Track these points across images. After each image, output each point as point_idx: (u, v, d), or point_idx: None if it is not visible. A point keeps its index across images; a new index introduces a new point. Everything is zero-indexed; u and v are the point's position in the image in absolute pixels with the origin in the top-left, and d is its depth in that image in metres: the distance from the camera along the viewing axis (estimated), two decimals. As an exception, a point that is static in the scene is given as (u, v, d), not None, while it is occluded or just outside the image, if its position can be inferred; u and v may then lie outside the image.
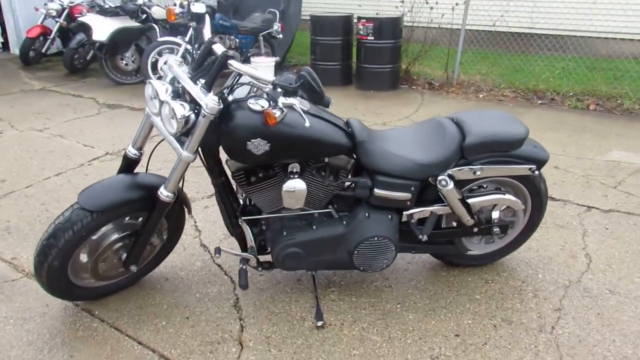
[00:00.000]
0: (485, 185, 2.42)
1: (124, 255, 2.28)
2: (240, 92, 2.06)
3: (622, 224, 3.15)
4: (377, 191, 2.18)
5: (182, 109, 1.90)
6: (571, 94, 6.00)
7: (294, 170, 2.13)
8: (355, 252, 2.22)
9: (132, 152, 2.23)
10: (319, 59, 6.91)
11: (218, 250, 2.24)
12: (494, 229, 2.41)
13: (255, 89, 2.03)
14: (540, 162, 2.32)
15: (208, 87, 1.94)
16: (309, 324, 2.25)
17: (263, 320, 2.28)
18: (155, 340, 2.16)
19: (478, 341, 2.15)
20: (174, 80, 2.07)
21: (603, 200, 3.44)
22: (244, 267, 2.24)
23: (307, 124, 1.85)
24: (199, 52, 2.10)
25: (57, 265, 2.08)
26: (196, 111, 1.95)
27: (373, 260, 2.26)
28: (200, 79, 1.99)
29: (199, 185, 3.64)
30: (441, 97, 6.27)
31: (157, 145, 2.30)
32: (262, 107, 1.93)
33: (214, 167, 2.14)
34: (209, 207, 3.34)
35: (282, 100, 1.86)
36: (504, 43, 7.16)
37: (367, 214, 2.23)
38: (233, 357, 2.06)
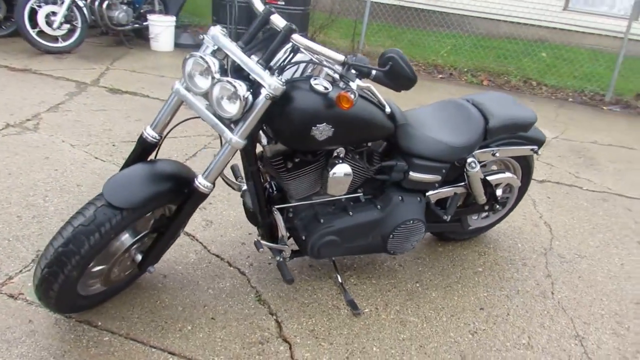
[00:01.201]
0: (484, 165, 2.55)
1: (139, 256, 1.96)
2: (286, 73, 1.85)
3: (557, 193, 3.57)
4: (412, 174, 2.17)
5: (242, 89, 1.66)
6: (466, 69, 6.50)
7: (340, 154, 2.01)
8: (391, 236, 2.20)
9: (151, 135, 1.89)
10: (222, 21, 6.47)
11: (259, 244, 2.04)
12: (497, 206, 2.57)
13: (310, 68, 1.84)
14: (540, 143, 2.51)
15: (266, 65, 1.71)
16: (345, 312, 2.19)
17: (297, 313, 2.15)
18: (190, 348, 1.92)
19: (501, 312, 2.30)
20: (214, 54, 1.78)
21: (534, 172, 3.85)
22: (281, 259, 2.08)
23: (387, 109, 1.75)
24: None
25: (75, 276, 1.72)
26: (251, 91, 1.72)
27: (406, 243, 2.26)
28: (253, 55, 1.74)
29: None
30: (351, 68, 6.35)
31: (174, 128, 1.99)
32: (326, 88, 1.76)
33: (250, 153, 1.92)
34: (171, 189, 2.99)
35: (358, 82, 1.72)
36: (407, 18, 7.45)
37: (400, 197, 2.20)
38: (285, 357, 1.93)
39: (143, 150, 1.92)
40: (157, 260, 1.98)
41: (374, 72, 1.73)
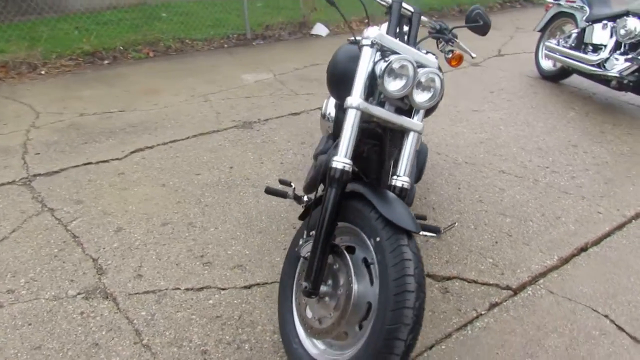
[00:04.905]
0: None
1: None
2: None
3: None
4: None
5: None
6: (122, 47, 6.24)
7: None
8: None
9: (348, 163, 1.69)
10: None
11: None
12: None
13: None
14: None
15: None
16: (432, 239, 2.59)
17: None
18: None
19: (521, 212, 3.16)
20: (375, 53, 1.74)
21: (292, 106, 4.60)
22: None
23: (474, 54, 2.16)
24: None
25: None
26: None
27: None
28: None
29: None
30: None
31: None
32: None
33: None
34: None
35: (457, 43, 2.05)
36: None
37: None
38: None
39: (345, 182, 1.70)
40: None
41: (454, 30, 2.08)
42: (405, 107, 1.81)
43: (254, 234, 2.64)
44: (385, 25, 1.89)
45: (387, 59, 1.68)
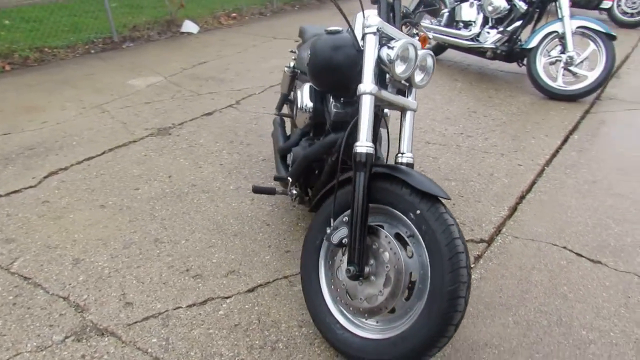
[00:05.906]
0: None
1: None
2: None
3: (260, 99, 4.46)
4: None
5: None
6: (-32, 63, 5.42)
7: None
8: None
9: (371, 147, 1.76)
10: None
11: None
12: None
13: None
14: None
15: (401, 33, 1.98)
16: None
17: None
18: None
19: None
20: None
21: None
22: None
23: (431, 36, 2.34)
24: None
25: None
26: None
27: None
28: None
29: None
30: None
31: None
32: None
33: None
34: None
35: (420, 27, 2.22)
36: None
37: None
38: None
39: (371, 165, 1.77)
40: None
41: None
42: (405, 88, 1.93)
43: (230, 238, 2.56)
44: (374, 13, 1.97)
45: (391, 44, 1.77)
